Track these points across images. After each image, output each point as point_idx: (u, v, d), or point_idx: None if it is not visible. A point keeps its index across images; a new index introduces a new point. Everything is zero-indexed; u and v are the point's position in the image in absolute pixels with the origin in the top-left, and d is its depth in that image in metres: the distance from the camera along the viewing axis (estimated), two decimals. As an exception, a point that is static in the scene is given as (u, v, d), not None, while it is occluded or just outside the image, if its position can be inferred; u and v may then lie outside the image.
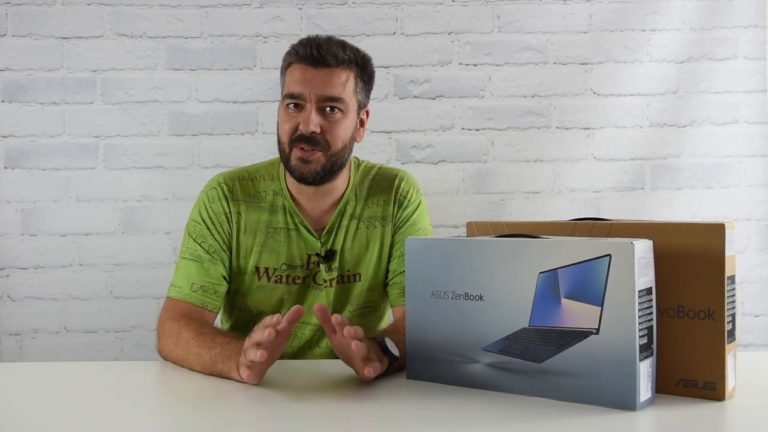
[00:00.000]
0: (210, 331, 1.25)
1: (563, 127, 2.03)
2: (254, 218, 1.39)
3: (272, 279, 1.38)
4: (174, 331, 1.26)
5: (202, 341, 1.20)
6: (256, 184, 1.42)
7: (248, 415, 0.91)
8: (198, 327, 1.26)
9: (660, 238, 0.95)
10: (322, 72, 1.31)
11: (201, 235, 1.37)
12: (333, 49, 1.32)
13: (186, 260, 1.37)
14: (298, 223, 1.39)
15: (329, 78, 1.32)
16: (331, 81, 1.32)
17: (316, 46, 1.31)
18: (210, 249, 1.36)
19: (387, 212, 1.44)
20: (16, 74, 1.98)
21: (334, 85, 1.32)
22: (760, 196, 2.03)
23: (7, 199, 1.98)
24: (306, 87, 1.31)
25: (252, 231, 1.38)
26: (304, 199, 1.40)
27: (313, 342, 1.42)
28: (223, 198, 1.39)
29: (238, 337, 1.19)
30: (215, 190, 1.40)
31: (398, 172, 1.49)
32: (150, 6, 1.99)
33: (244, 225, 1.39)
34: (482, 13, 2.02)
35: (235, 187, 1.41)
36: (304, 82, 1.31)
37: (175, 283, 1.36)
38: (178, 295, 1.34)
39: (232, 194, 1.40)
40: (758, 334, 2.03)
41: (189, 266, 1.36)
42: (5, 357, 1.98)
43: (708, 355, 0.93)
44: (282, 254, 1.38)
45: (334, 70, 1.32)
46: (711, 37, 2.02)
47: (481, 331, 0.99)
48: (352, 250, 1.41)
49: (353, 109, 1.36)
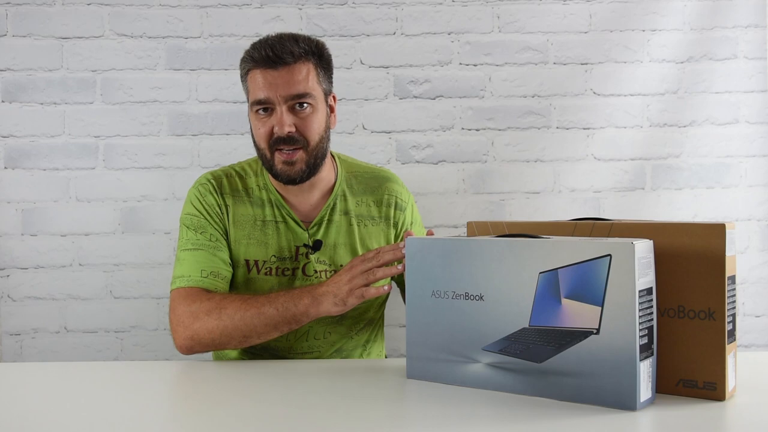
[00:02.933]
0: (252, 294, 1.30)
1: (563, 127, 2.03)
2: (242, 211, 1.41)
3: (262, 271, 1.40)
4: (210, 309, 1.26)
5: (254, 302, 1.25)
6: (242, 181, 1.45)
7: (248, 415, 0.91)
8: (236, 294, 1.30)
9: (660, 238, 0.95)
10: (282, 72, 1.32)
11: (200, 225, 1.39)
12: (287, 46, 1.33)
13: (189, 251, 1.37)
14: (285, 215, 1.42)
15: (291, 76, 1.32)
16: (293, 79, 1.32)
17: (270, 48, 1.32)
18: (212, 238, 1.38)
19: (381, 213, 1.47)
20: (16, 74, 1.98)
21: (298, 82, 1.33)
22: (760, 196, 2.03)
23: (7, 199, 1.98)
24: (271, 90, 1.32)
25: (241, 224, 1.41)
26: (290, 194, 1.43)
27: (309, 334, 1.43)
28: (214, 192, 1.42)
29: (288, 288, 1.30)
30: (205, 185, 1.43)
31: (386, 172, 1.54)
32: (150, 6, 1.99)
33: (233, 217, 1.41)
34: (482, 13, 2.02)
35: (223, 183, 1.44)
36: (268, 85, 1.32)
37: (181, 274, 1.35)
38: (188, 283, 1.33)
39: (221, 189, 1.43)
40: (759, 335, 2.03)
41: (194, 255, 1.36)
42: (5, 357, 1.98)
43: (708, 355, 0.93)
44: (271, 246, 1.40)
45: (293, 67, 1.33)
46: (711, 37, 2.02)
47: (481, 331, 0.99)
48: (346, 245, 1.43)
49: (321, 99, 1.37)
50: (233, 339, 1.25)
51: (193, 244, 1.37)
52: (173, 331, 1.30)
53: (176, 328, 1.29)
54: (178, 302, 1.32)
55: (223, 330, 1.24)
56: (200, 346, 1.28)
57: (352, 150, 1.84)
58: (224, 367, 1.22)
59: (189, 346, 1.29)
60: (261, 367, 1.23)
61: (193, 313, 1.28)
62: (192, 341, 1.27)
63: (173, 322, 1.30)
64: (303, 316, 1.22)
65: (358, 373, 1.15)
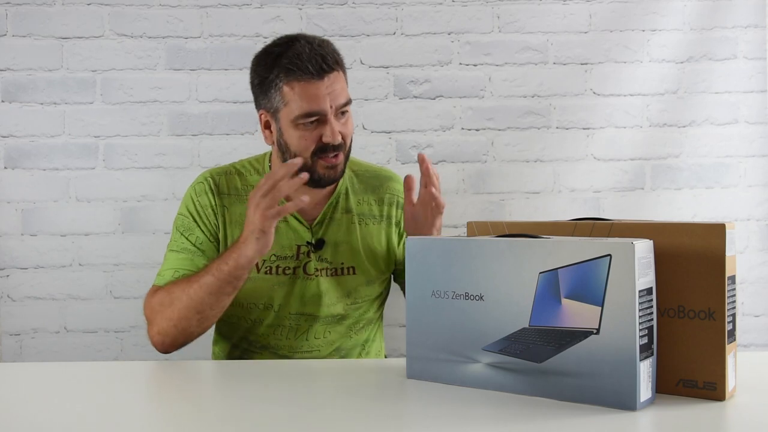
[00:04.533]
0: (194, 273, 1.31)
1: (563, 127, 2.03)
2: (241, 210, 1.41)
3: (262, 270, 1.40)
4: (162, 299, 1.30)
5: (195, 278, 1.27)
6: (242, 179, 1.45)
7: (248, 415, 0.91)
8: (182, 278, 1.31)
9: (660, 238, 0.95)
10: (326, 82, 1.31)
11: (188, 228, 1.40)
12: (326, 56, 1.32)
13: (172, 252, 1.40)
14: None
15: (336, 85, 1.33)
16: (339, 87, 1.33)
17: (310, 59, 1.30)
18: (197, 242, 1.39)
19: (383, 212, 1.47)
20: (16, 74, 1.98)
21: (343, 90, 1.35)
22: (760, 196, 2.03)
23: (7, 199, 1.98)
24: (323, 102, 1.31)
25: (239, 223, 1.40)
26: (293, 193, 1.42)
27: (309, 334, 1.43)
28: (209, 191, 1.42)
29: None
30: (201, 184, 1.44)
31: (387, 172, 1.55)
32: (150, 6, 1.99)
33: (230, 217, 1.41)
34: (482, 13, 2.02)
35: (221, 182, 1.44)
36: (320, 97, 1.30)
37: (159, 273, 1.38)
38: (160, 282, 1.36)
39: (218, 188, 1.43)
40: (758, 334, 2.03)
41: (175, 257, 1.39)
42: (5, 357, 1.98)
43: (708, 355, 0.93)
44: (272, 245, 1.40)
45: (334, 76, 1.33)
46: (711, 37, 2.02)
47: (481, 331, 0.99)
48: (347, 244, 1.43)
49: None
50: (191, 320, 1.26)
51: (177, 246, 1.40)
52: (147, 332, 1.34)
53: (148, 328, 1.33)
54: (146, 302, 1.36)
55: (179, 314, 1.26)
56: (169, 338, 1.29)
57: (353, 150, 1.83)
58: (224, 366, 1.22)
59: (161, 342, 1.31)
60: (260, 367, 1.23)
61: (153, 307, 1.32)
62: (160, 335, 1.30)
63: (146, 317, 1.35)
64: (236, 269, 1.23)
65: (358, 373, 1.15)
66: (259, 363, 1.31)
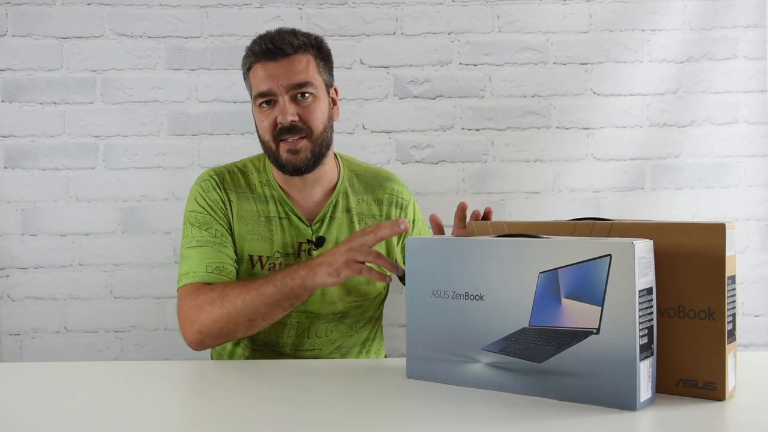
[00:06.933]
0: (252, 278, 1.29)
1: (563, 127, 2.03)
2: (246, 207, 1.42)
3: (266, 267, 1.40)
4: (213, 299, 1.26)
5: (254, 284, 1.25)
6: (245, 177, 1.46)
7: (248, 415, 0.91)
8: (238, 282, 1.30)
9: (660, 238, 0.95)
10: (283, 62, 1.34)
11: (205, 222, 1.39)
12: (286, 38, 1.35)
13: (194, 248, 1.37)
14: (288, 212, 1.42)
15: (291, 66, 1.34)
16: (294, 68, 1.34)
17: (269, 40, 1.34)
18: (217, 234, 1.38)
19: (382, 212, 1.48)
20: (16, 74, 1.98)
21: (299, 71, 1.35)
22: (760, 196, 2.03)
23: (7, 199, 1.98)
24: (273, 81, 1.34)
25: (245, 219, 1.41)
26: (293, 190, 1.43)
27: (311, 332, 1.43)
28: (217, 187, 1.42)
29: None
30: (207, 181, 1.44)
31: (386, 172, 1.56)
32: (150, 6, 1.99)
33: (237, 213, 1.41)
34: (482, 13, 2.02)
35: (226, 179, 1.44)
36: (269, 77, 1.34)
37: (187, 271, 1.34)
38: (194, 279, 1.33)
39: (224, 184, 1.43)
40: (758, 334, 2.03)
41: (199, 252, 1.36)
42: (5, 357, 1.98)
43: (708, 355, 0.93)
44: (275, 242, 1.41)
45: (293, 58, 1.34)
46: (711, 37, 2.02)
47: (481, 331, 0.99)
48: None
49: (322, 89, 1.39)
50: (239, 325, 1.25)
51: (197, 241, 1.37)
52: (182, 328, 1.30)
53: (184, 325, 1.29)
54: (184, 299, 1.31)
55: (228, 317, 1.24)
56: (209, 338, 1.27)
57: (352, 150, 1.83)
58: (224, 366, 1.22)
59: (199, 340, 1.28)
60: (261, 366, 1.23)
61: (198, 306, 1.27)
62: (200, 334, 1.27)
63: (181, 320, 1.30)
64: (300, 288, 1.21)
65: (358, 373, 1.15)
66: (259, 363, 1.31)
